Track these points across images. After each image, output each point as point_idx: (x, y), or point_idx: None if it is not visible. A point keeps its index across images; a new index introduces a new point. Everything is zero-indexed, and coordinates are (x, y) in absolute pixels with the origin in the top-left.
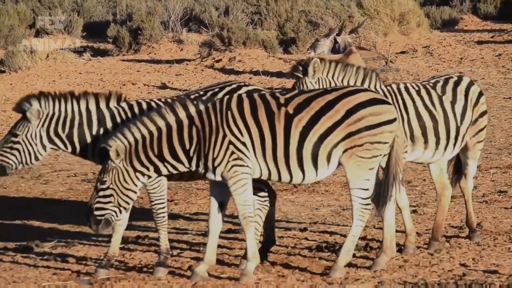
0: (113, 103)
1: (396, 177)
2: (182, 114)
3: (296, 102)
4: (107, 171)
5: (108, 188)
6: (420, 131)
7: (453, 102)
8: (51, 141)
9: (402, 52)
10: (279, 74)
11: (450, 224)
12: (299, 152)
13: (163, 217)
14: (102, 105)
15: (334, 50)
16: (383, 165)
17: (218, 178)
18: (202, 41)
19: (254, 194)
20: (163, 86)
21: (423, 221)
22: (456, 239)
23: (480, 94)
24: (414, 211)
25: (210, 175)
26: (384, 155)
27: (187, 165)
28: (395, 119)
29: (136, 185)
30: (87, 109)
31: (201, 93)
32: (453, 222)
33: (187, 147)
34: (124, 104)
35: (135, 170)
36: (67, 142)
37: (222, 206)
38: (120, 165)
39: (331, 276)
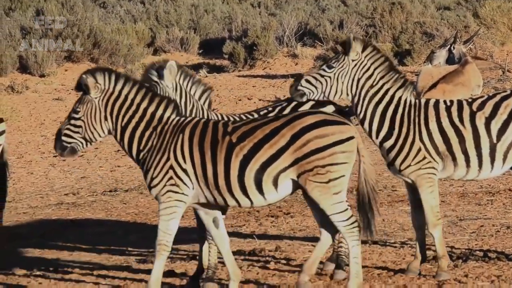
0: None
1: (371, 197)
2: (159, 111)
3: (242, 131)
4: (82, 102)
5: (79, 119)
6: (444, 147)
7: (489, 118)
8: None
9: None
10: None
11: None
12: (240, 180)
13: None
14: None
15: (449, 60)
16: None
17: (154, 195)
18: (317, 55)
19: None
20: (279, 101)
21: None
22: None
23: None
24: None
25: (148, 189)
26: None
27: (135, 161)
28: (348, 139)
29: (102, 129)
30: None
31: None
32: None
33: (141, 147)
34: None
35: (105, 117)
36: None
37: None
38: (95, 101)
39: None
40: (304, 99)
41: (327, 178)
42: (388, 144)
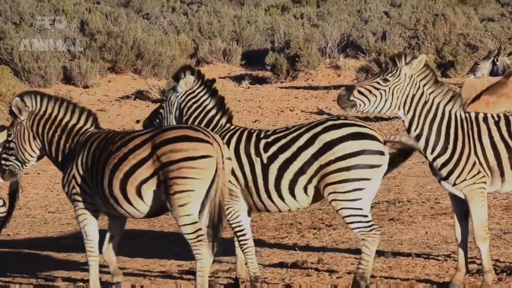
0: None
1: (217, 215)
2: (79, 124)
3: (121, 141)
4: (13, 125)
5: (11, 141)
6: (495, 162)
7: None
8: None
9: None
10: None
11: None
12: (110, 189)
13: (246, 243)
14: None
15: (493, 72)
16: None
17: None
18: (360, 66)
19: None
20: (321, 112)
21: None
22: None
23: None
24: None
25: None
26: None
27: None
28: (201, 157)
29: (32, 149)
30: None
31: None
32: None
33: (64, 158)
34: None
35: (33, 136)
36: None
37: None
38: (24, 123)
39: None
40: (354, 110)
41: (172, 190)
42: (442, 159)
